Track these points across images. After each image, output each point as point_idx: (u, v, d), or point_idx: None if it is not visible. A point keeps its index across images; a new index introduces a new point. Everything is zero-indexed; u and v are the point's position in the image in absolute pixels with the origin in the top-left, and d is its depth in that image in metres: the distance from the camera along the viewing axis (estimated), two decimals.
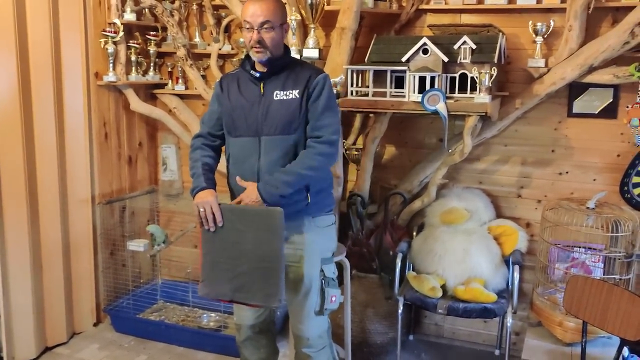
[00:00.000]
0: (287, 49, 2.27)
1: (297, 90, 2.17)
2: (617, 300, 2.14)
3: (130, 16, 3.46)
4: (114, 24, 3.38)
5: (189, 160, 2.35)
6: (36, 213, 3.15)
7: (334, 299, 2.29)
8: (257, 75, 2.21)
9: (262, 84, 2.22)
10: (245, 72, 2.26)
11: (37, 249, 3.18)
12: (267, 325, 2.48)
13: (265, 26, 2.12)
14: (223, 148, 2.39)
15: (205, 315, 3.64)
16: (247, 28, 2.14)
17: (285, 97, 2.17)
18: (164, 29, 3.63)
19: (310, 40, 3.07)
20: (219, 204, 2.14)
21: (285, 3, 2.30)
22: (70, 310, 3.41)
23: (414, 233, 3.28)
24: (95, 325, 3.55)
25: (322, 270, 2.27)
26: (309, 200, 2.19)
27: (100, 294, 3.56)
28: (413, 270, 3.12)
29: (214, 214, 2.13)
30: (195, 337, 3.35)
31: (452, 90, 2.76)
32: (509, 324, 2.86)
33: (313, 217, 2.25)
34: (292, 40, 3.07)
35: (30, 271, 3.11)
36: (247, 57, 2.25)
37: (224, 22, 3.51)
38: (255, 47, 2.14)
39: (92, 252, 3.46)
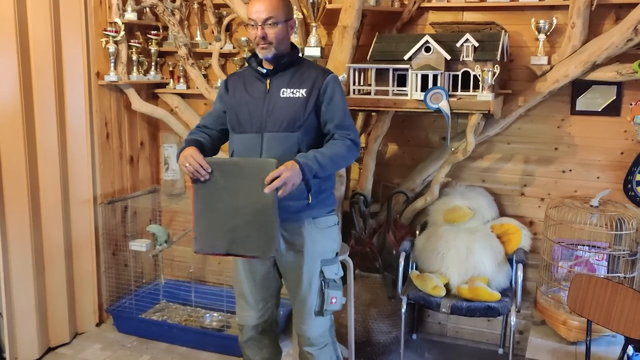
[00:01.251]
0: (294, 47, 2.28)
1: (305, 90, 2.17)
2: (621, 299, 2.13)
3: (131, 15, 3.46)
4: (115, 23, 3.38)
5: None
6: (38, 213, 3.15)
7: (334, 300, 2.28)
8: (264, 71, 2.22)
9: (268, 81, 2.22)
10: (251, 70, 2.27)
11: (39, 249, 3.17)
12: (270, 325, 2.48)
13: (269, 22, 2.13)
14: (224, 147, 2.39)
15: (207, 315, 3.63)
16: (252, 25, 2.16)
17: (291, 95, 2.17)
18: (165, 28, 3.62)
19: (312, 39, 3.06)
20: (212, 159, 2.11)
21: (290, 0, 2.29)
22: (73, 311, 3.41)
23: (417, 232, 3.28)
24: (97, 325, 3.55)
25: (321, 272, 2.26)
26: (310, 201, 2.17)
27: (103, 294, 3.56)
28: (416, 269, 3.11)
29: (200, 164, 2.07)
30: (198, 337, 3.34)
31: (455, 88, 2.75)
32: (512, 323, 2.85)
33: (313, 218, 2.24)
34: (294, 38, 3.06)
35: (33, 271, 3.11)
36: (254, 54, 2.25)
37: (225, 21, 3.50)
38: (260, 44, 2.16)
39: (94, 252, 3.45)
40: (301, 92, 2.17)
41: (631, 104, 2.87)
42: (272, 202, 2.04)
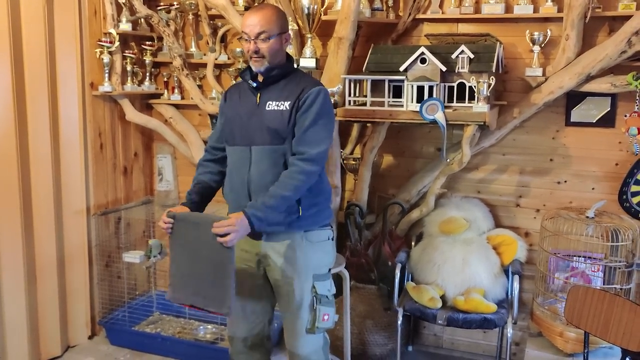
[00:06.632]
0: (289, 59, 2.26)
1: (289, 102, 2.15)
2: (619, 311, 2.12)
3: (126, 26, 3.45)
4: (110, 33, 3.37)
5: None
6: (30, 224, 3.11)
7: (326, 317, 2.24)
8: (254, 85, 2.21)
9: (259, 94, 2.21)
10: (245, 82, 2.26)
11: (32, 261, 3.14)
12: (261, 339, 2.42)
13: (262, 36, 2.12)
14: None
15: (201, 327, 3.60)
16: (245, 39, 2.15)
17: (276, 108, 2.16)
18: (160, 38, 3.62)
19: (307, 50, 3.07)
20: (175, 213, 2.17)
21: (285, 13, 2.29)
22: (65, 323, 3.37)
23: (413, 243, 3.27)
24: (90, 338, 3.50)
25: (313, 287, 2.23)
26: (300, 214, 2.15)
27: (95, 306, 3.52)
28: (412, 280, 3.10)
29: (163, 219, 2.18)
30: (192, 349, 3.31)
31: (451, 100, 2.76)
32: (509, 335, 2.84)
33: (305, 232, 2.21)
34: (289, 49, 3.05)
35: (24, 283, 3.07)
36: (249, 67, 2.24)
37: (220, 32, 3.50)
38: (253, 57, 2.15)
39: (87, 264, 3.42)
40: (285, 105, 2.15)
41: (625, 116, 2.89)
42: (229, 260, 2.06)
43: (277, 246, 2.20)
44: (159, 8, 3.50)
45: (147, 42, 3.60)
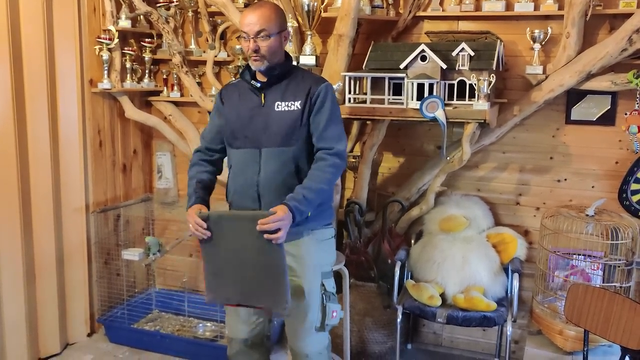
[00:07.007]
0: (288, 57, 2.24)
1: (299, 102, 2.14)
2: (619, 309, 2.12)
3: (125, 23, 3.44)
4: (109, 30, 3.36)
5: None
6: (29, 221, 3.11)
7: (334, 314, 2.26)
8: (258, 85, 2.18)
9: (262, 95, 2.18)
10: (245, 82, 2.23)
11: (30, 258, 3.13)
12: (261, 339, 2.42)
13: (261, 35, 2.10)
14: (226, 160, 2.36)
15: (200, 325, 3.59)
16: (244, 38, 2.13)
17: (286, 109, 2.14)
18: (159, 35, 3.61)
19: (307, 47, 3.06)
20: (209, 213, 2.10)
21: (284, 11, 2.28)
22: (64, 321, 3.36)
23: (412, 241, 3.26)
24: (89, 335, 3.50)
25: (322, 285, 2.24)
26: (309, 214, 2.15)
27: (94, 304, 3.52)
28: (411, 278, 3.10)
29: (199, 225, 2.08)
30: (191, 347, 3.30)
31: (451, 97, 2.75)
32: (508, 333, 2.84)
33: (312, 230, 2.22)
34: (288, 47, 3.05)
35: (23, 281, 3.07)
36: (248, 66, 2.22)
37: (220, 29, 3.49)
38: (253, 56, 2.13)
39: (86, 261, 3.41)
40: (296, 105, 2.14)
41: (626, 114, 2.88)
42: (280, 256, 2.03)
43: (286, 246, 2.18)
44: (158, 5, 3.49)
45: (147, 39, 3.59)
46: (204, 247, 2.15)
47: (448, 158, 3.04)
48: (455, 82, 2.73)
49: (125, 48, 3.47)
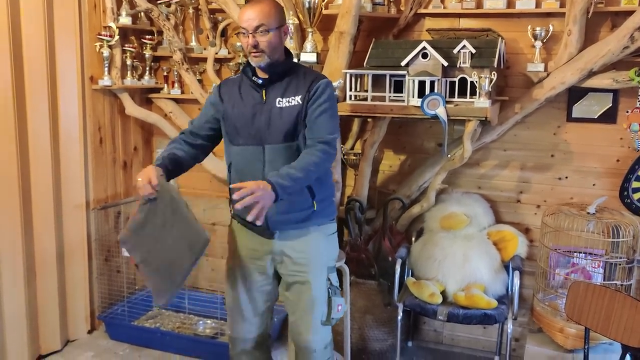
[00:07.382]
0: (288, 53, 2.23)
1: (300, 97, 2.13)
2: (619, 307, 2.12)
3: (125, 20, 3.43)
4: (110, 27, 3.35)
5: None
6: (30, 218, 3.11)
7: (339, 307, 2.27)
8: (260, 82, 2.17)
9: (264, 91, 2.17)
10: (246, 79, 2.21)
11: (31, 255, 3.13)
12: (263, 338, 2.41)
13: (260, 30, 2.08)
14: (218, 152, 2.35)
15: (201, 322, 3.59)
16: (243, 33, 2.11)
17: (287, 104, 2.13)
18: (160, 32, 3.60)
19: (308, 44, 3.05)
20: (164, 181, 2.05)
21: (283, 6, 2.27)
22: (64, 318, 3.36)
23: (413, 238, 3.26)
24: (89, 332, 3.50)
25: (328, 279, 2.24)
26: (315, 208, 2.15)
27: (95, 301, 3.51)
28: (412, 276, 3.09)
29: (150, 180, 2.02)
30: (191, 344, 3.30)
31: (452, 95, 2.75)
32: (509, 330, 2.84)
33: (319, 225, 2.22)
34: (289, 44, 3.04)
35: (24, 278, 3.07)
36: (248, 63, 2.20)
37: (221, 26, 3.49)
38: (253, 52, 2.11)
39: (86, 258, 3.41)
40: (296, 100, 2.12)
41: (627, 111, 2.88)
42: (186, 268, 2.01)
43: (292, 242, 2.18)
44: (159, 2, 3.48)
45: (147, 36, 3.58)
46: (140, 209, 2.13)
47: (449, 155, 3.03)
48: (456, 79, 2.73)
49: (126, 45, 3.47)
